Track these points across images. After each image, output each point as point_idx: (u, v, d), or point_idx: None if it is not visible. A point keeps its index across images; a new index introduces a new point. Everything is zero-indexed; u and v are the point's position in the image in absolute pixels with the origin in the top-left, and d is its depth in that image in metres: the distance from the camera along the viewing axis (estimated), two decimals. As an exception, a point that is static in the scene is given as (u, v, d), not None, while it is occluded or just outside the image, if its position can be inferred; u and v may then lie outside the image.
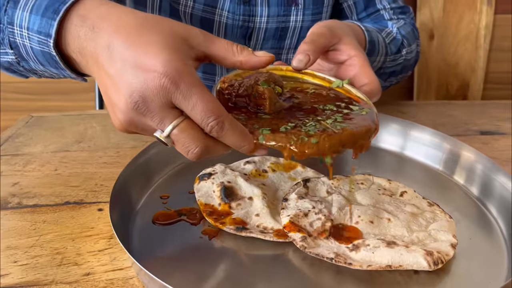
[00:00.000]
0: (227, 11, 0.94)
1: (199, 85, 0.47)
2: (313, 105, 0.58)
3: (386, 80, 0.98)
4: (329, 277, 0.54)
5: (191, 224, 0.62)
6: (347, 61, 0.67)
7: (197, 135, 0.48)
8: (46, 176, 0.75)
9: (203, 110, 0.47)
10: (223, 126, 0.48)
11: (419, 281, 0.53)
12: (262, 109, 0.56)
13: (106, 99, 0.50)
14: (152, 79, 0.46)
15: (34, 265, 0.55)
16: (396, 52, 0.93)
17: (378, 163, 0.79)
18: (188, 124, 0.48)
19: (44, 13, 0.53)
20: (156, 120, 0.48)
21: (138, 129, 0.49)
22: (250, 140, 0.51)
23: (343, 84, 0.64)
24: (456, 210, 0.65)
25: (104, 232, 0.61)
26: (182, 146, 0.49)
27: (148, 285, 0.51)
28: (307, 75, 0.66)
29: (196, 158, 0.50)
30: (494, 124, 0.97)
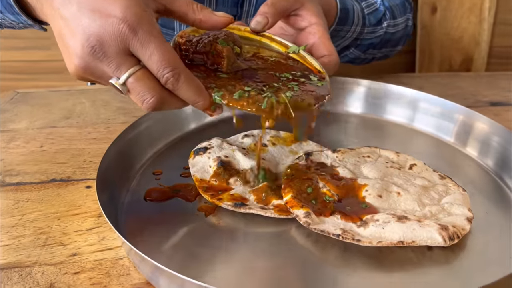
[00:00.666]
0: None
1: (158, 34, 0.46)
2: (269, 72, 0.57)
3: (366, 52, 0.94)
4: (336, 254, 0.50)
5: (186, 201, 0.57)
6: (307, 28, 0.66)
7: (153, 85, 0.47)
8: (31, 153, 0.70)
9: (159, 60, 0.45)
10: (178, 78, 0.47)
11: (433, 257, 0.49)
12: (220, 68, 0.55)
13: (61, 44, 0.48)
14: (110, 24, 0.44)
15: (16, 245, 0.51)
16: (376, 24, 0.89)
17: (385, 136, 0.74)
18: (144, 73, 0.47)
19: None
20: (113, 67, 0.46)
21: (94, 76, 0.48)
22: (206, 96, 0.50)
23: (299, 50, 0.62)
24: (470, 184, 0.61)
25: (92, 210, 0.57)
26: (137, 95, 0.47)
27: (140, 265, 0.47)
28: (265, 38, 0.64)
29: (150, 108, 0.48)
30: (504, 95, 0.92)
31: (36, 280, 0.46)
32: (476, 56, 1.67)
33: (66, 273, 0.47)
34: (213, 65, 0.55)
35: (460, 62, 1.68)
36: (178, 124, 0.72)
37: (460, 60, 1.68)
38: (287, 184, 0.56)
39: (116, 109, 0.84)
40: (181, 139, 0.70)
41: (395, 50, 1.00)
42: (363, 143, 0.68)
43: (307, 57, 0.61)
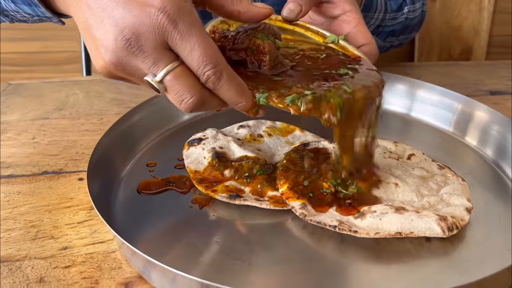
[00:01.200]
0: None
1: (200, 26, 0.41)
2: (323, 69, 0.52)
3: (385, 40, 0.91)
4: (332, 246, 0.49)
5: (180, 193, 0.56)
6: (341, 16, 0.61)
7: (193, 83, 0.43)
8: (22, 145, 0.69)
9: (200, 55, 0.41)
10: (220, 76, 0.43)
11: (431, 249, 0.48)
12: (263, 65, 0.50)
13: (88, 37, 0.44)
14: (147, 15, 0.40)
15: (6, 239, 0.50)
16: (397, 9, 0.86)
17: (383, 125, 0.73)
18: (184, 70, 0.42)
19: None
20: (149, 63, 0.42)
21: (125, 72, 0.43)
22: (249, 96, 0.45)
23: (338, 40, 0.58)
24: (469, 173, 0.59)
25: (84, 203, 0.56)
26: (176, 94, 0.43)
27: (131, 259, 0.46)
28: (298, 27, 0.60)
29: (189, 109, 0.44)
30: (504, 83, 0.91)
31: (26, 274, 0.45)
32: (475, 45, 1.66)
33: (56, 267, 0.46)
34: (254, 62, 0.50)
35: (459, 51, 1.66)
36: (172, 114, 0.70)
37: (459, 49, 1.66)
38: (283, 175, 0.55)
39: (110, 100, 0.83)
40: (175, 130, 0.69)
41: (410, 36, 0.96)
42: (361, 133, 0.67)
43: (348, 47, 0.57)
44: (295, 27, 0.60)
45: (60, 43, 1.58)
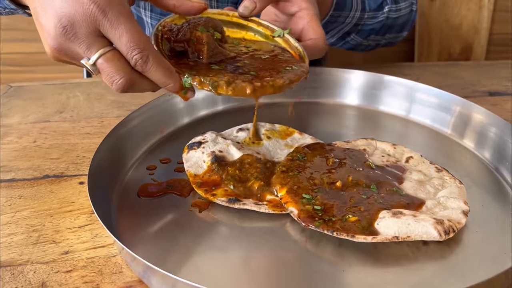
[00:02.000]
0: None
1: (128, 15, 0.47)
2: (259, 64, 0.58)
3: (367, 38, 0.92)
4: (330, 250, 0.49)
5: (180, 197, 0.57)
6: (297, 13, 0.66)
7: (123, 66, 0.48)
8: (24, 148, 0.70)
9: (128, 41, 0.46)
10: (147, 60, 0.48)
11: (428, 252, 0.49)
12: (201, 56, 0.55)
13: (38, 25, 0.49)
14: (81, 5, 0.45)
15: (8, 244, 0.51)
16: (377, 8, 0.88)
17: (381, 127, 0.73)
18: (114, 54, 0.48)
19: None
20: (83, 47, 0.47)
21: (68, 56, 0.49)
22: (176, 78, 0.51)
23: (283, 34, 0.63)
24: (466, 176, 0.60)
25: (85, 207, 0.57)
26: (107, 76, 0.48)
27: (132, 264, 0.46)
28: (252, 23, 0.65)
29: (120, 89, 0.49)
30: (503, 84, 0.91)
31: (28, 279, 0.46)
32: (475, 43, 1.66)
33: (58, 271, 0.47)
34: (194, 53, 0.55)
35: (459, 50, 1.67)
36: (172, 118, 0.71)
37: (459, 48, 1.66)
38: (282, 179, 0.55)
39: (110, 102, 0.83)
40: (175, 133, 0.70)
41: (400, 36, 0.98)
42: (360, 135, 0.67)
43: (290, 40, 0.62)
44: (248, 23, 0.65)
45: (61, 43, 1.58)
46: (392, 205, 0.53)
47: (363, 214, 0.51)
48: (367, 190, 0.54)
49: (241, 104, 0.77)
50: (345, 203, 0.53)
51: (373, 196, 0.53)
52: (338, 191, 0.54)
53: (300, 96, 0.79)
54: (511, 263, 0.44)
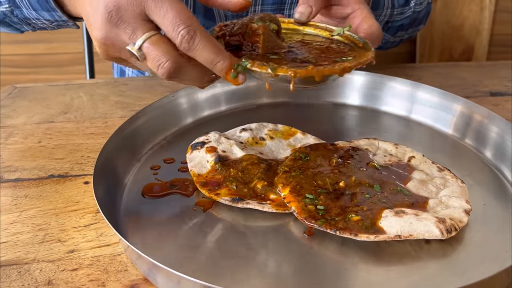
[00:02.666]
0: None
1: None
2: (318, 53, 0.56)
3: (395, 35, 0.93)
4: (333, 248, 0.50)
5: (184, 196, 0.57)
6: (351, 15, 0.65)
7: (169, 49, 0.47)
8: (29, 148, 0.70)
9: (174, 17, 0.46)
10: (194, 35, 0.46)
11: (430, 251, 0.49)
12: (257, 48, 0.54)
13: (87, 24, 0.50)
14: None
15: (14, 242, 0.51)
16: (404, 4, 0.88)
17: (383, 128, 0.74)
18: (160, 37, 0.47)
19: None
20: (129, 31, 0.47)
21: (115, 47, 0.49)
22: (225, 55, 0.48)
23: (343, 32, 0.62)
24: (468, 175, 0.60)
25: (90, 206, 0.57)
26: (153, 60, 0.47)
27: (137, 262, 0.47)
28: (309, 27, 0.64)
29: (166, 73, 0.48)
30: (504, 84, 0.92)
31: (35, 277, 0.47)
32: (477, 44, 1.66)
33: (64, 269, 0.47)
34: (249, 45, 0.54)
35: (460, 51, 1.67)
36: (176, 118, 0.71)
37: (461, 49, 1.67)
38: (284, 179, 0.56)
39: (114, 103, 0.84)
40: (179, 133, 0.70)
41: (418, 29, 0.98)
42: (362, 135, 0.68)
43: (354, 36, 0.61)
44: (305, 27, 0.64)
45: (64, 44, 1.59)
46: (395, 204, 0.53)
47: (366, 213, 0.51)
48: (371, 190, 0.55)
49: (244, 105, 0.78)
50: (348, 203, 0.53)
51: (376, 196, 0.54)
52: (341, 191, 0.55)
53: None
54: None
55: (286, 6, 0.95)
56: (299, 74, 0.49)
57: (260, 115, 0.74)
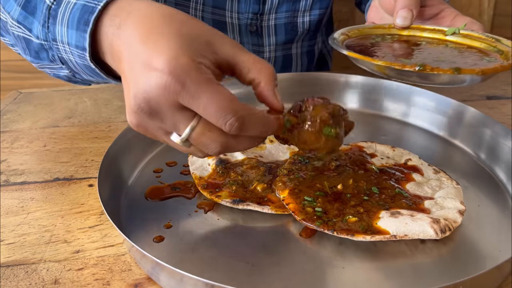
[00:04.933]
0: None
1: (209, 82, 0.41)
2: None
3: None
4: (331, 248, 0.51)
5: (186, 198, 0.59)
6: (439, 15, 0.66)
7: (216, 135, 0.44)
8: (34, 152, 0.72)
9: (217, 110, 0.41)
10: (244, 121, 0.42)
11: (425, 250, 0.51)
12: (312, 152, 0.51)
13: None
14: (155, 78, 0.41)
15: (21, 243, 0.53)
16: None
17: (380, 131, 0.75)
18: (205, 126, 0.43)
19: (77, 26, 0.50)
20: (168, 124, 0.43)
21: (149, 133, 0.46)
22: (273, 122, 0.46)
23: (459, 30, 0.61)
24: (463, 177, 0.62)
25: (94, 208, 0.59)
26: (202, 147, 0.45)
27: (140, 261, 0.48)
28: (413, 30, 0.65)
29: (216, 155, 0.47)
30: (501, 88, 0.93)
31: (42, 276, 0.48)
32: (475, 48, 1.68)
33: (70, 269, 0.49)
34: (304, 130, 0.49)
35: (459, 54, 1.68)
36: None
37: (459, 52, 1.68)
38: (284, 182, 0.57)
39: (117, 108, 0.86)
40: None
41: None
42: (360, 138, 0.70)
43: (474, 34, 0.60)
44: (409, 31, 0.65)
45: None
46: (392, 205, 0.54)
47: (363, 214, 0.53)
48: (369, 192, 0.56)
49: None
50: (346, 205, 0.55)
51: (374, 198, 0.55)
52: (339, 193, 0.56)
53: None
54: (503, 260, 0.46)
55: (300, 13, 0.97)
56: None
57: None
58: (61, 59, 0.56)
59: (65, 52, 0.54)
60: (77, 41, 0.51)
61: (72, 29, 0.51)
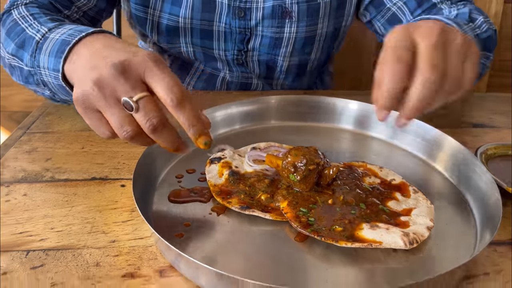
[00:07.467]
0: (224, 23, 1.02)
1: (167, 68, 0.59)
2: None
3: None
4: (319, 251, 0.62)
5: (202, 202, 0.70)
6: None
7: (159, 108, 0.57)
8: (74, 153, 0.84)
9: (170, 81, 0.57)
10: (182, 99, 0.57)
11: (396, 258, 0.62)
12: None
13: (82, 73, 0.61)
14: (140, 54, 0.58)
15: (68, 231, 0.65)
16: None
17: (371, 151, 0.86)
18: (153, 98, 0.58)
19: (56, 54, 0.69)
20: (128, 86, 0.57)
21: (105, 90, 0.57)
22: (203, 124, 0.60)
23: None
24: (437, 198, 0.72)
25: (126, 206, 0.71)
26: (145, 114, 0.57)
27: (165, 252, 0.60)
28: None
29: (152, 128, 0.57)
30: (489, 117, 1.03)
31: (86, 259, 0.60)
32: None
33: (108, 255, 0.61)
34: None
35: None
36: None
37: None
38: (284, 194, 0.69)
39: (144, 116, 0.97)
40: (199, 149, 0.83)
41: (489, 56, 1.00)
42: (353, 158, 0.81)
43: None
44: None
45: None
46: (374, 219, 0.66)
47: (347, 225, 0.64)
48: (357, 207, 0.68)
49: (256, 125, 0.91)
50: (334, 217, 0.66)
51: (360, 212, 0.67)
52: (330, 207, 0.68)
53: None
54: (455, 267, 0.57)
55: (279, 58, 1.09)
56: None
57: (269, 135, 0.88)
58: (43, 82, 0.76)
59: (45, 75, 0.73)
60: (54, 65, 0.70)
61: (51, 57, 0.70)
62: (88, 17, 1.01)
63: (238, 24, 1.02)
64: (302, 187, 0.69)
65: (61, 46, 0.69)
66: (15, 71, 0.83)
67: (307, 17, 1.03)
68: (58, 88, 0.73)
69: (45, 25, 0.77)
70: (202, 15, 1.02)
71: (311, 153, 0.70)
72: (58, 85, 0.72)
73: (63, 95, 0.76)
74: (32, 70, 0.77)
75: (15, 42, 0.79)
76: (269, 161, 0.73)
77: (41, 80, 0.76)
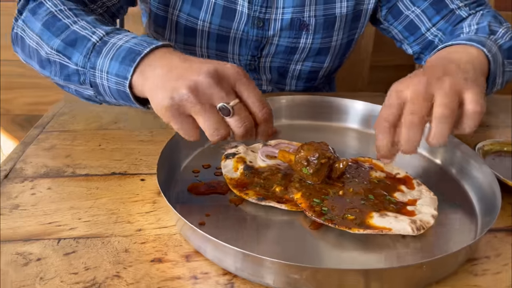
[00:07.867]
0: (241, 31, 1.07)
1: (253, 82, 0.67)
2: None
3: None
4: (333, 237, 0.67)
5: (220, 194, 0.74)
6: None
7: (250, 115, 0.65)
8: (92, 150, 0.88)
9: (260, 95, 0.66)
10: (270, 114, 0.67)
11: (404, 243, 0.66)
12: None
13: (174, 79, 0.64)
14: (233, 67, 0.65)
15: (95, 222, 0.69)
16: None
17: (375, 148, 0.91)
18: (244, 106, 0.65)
19: (122, 61, 0.70)
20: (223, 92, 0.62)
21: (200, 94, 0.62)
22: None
23: None
24: (439, 190, 0.77)
25: (147, 198, 0.74)
26: (241, 118, 0.63)
27: (190, 237, 0.64)
28: None
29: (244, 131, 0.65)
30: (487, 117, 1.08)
31: (115, 246, 0.64)
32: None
33: (135, 242, 0.65)
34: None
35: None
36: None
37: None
38: (296, 187, 0.73)
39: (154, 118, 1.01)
40: (214, 146, 0.87)
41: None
42: (359, 154, 0.86)
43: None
44: None
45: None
46: (382, 209, 0.70)
47: (358, 214, 0.69)
48: (366, 198, 0.72)
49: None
50: (346, 206, 0.70)
51: (369, 202, 0.71)
52: (340, 198, 0.72)
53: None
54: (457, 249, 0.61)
55: (292, 62, 1.14)
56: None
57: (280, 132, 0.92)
58: (91, 83, 0.76)
59: (100, 78, 0.74)
60: (119, 71, 0.70)
61: (116, 62, 0.71)
62: (109, 13, 1.02)
63: (256, 33, 1.07)
64: (314, 179, 0.74)
65: (129, 54, 0.70)
66: (53, 67, 0.79)
67: (323, 29, 1.08)
68: (114, 92, 0.74)
69: (99, 27, 0.77)
70: (221, 21, 1.05)
71: (322, 148, 0.74)
72: (117, 90, 0.72)
73: (114, 99, 0.76)
74: (81, 70, 0.75)
75: (62, 39, 0.77)
76: (282, 156, 0.77)
77: (91, 81, 0.75)
